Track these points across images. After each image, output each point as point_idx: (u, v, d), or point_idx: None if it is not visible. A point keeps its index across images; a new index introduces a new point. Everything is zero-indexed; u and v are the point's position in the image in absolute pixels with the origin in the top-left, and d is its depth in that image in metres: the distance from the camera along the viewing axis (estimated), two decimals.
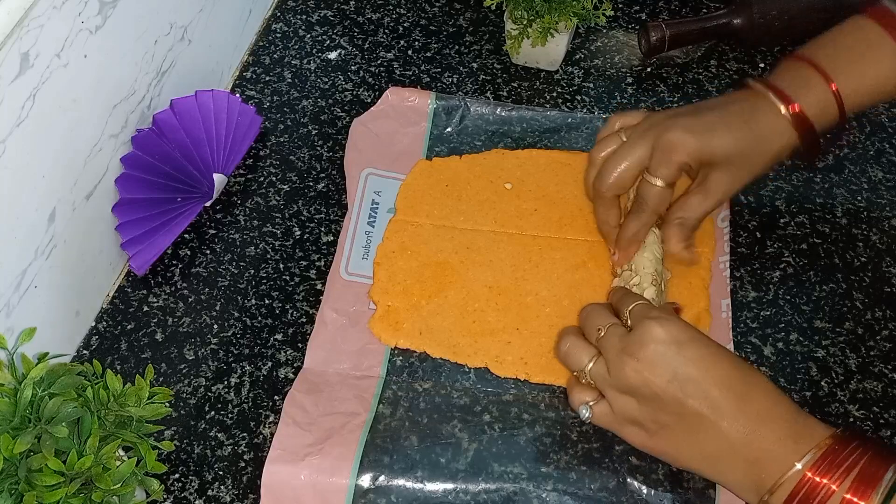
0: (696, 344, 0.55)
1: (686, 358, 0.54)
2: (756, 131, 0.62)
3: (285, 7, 0.89)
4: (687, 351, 0.54)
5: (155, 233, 0.70)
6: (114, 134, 0.67)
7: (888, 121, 0.80)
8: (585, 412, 0.58)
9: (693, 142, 0.62)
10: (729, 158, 0.62)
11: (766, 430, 0.52)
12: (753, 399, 0.53)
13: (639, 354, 0.54)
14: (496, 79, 0.84)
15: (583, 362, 0.58)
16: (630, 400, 0.56)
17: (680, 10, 0.89)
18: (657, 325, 0.55)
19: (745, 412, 0.53)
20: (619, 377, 0.55)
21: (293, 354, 0.67)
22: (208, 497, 0.60)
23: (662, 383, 0.54)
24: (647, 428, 0.56)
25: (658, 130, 0.63)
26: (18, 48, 0.54)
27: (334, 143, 0.79)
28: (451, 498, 0.58)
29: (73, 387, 0.51)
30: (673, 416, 0.54)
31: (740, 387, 0.53)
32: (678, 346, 0.54)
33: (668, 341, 0.54)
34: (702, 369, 0.53)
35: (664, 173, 0.62)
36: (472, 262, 0.69)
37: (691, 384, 0.53)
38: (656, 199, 0.64)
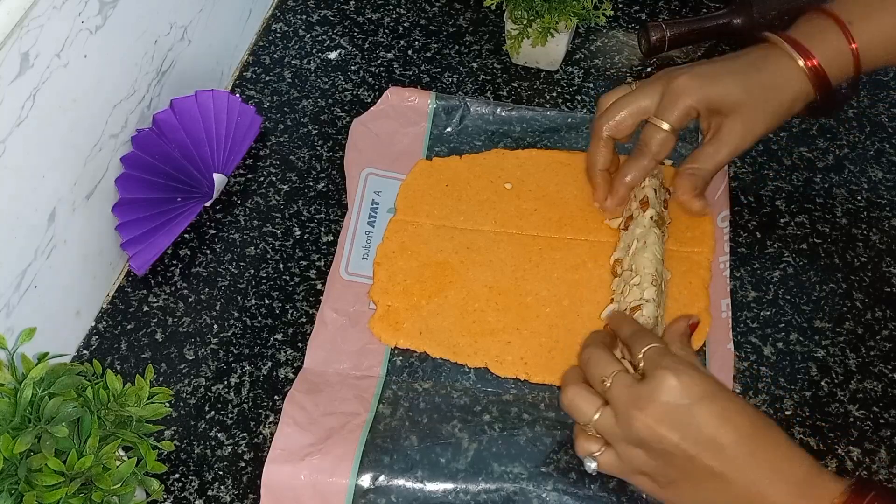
0: (709, 400, 0.51)
1: (699, 415, 0.51)
2: (767, 79, 0.62)
3: (285, 7, 0.89)
4: (700, 407, 0.51)
5: (155, 233, 0.70)
6: (114, 134, 0.67)
7: (888, 121, 0.80)
8: (591, 464, 0.55)
9: (701, 85, 0.62)
10: (739, 105, 0.62)
11: (776, 487, 0.50)
12: (766, 453, 0.51)
13: (649, 409, 0.51)
14: (496, 79, 0.84)
15: (588, 414, 0.54)
16: (639, 452, 0.53)
17: (680, 10, 0.89)
18: (672, 377, 0.52)
19: (757, 467, 0.50)
20: (628, 431, 0.52)
21: (293, 354, 0.67)
22: (208, 497, 0.60)
23: (674, 441, 0.51)
24: (656, 480, 0.54)
25: (667, 78, 0.63)
26: (18, 48, 0.54)
27: (334, 143, 0.79)
28: (451, 498, 0.58)
29: (73, 387, 0.51)
30: (683, 472, 0.52)
31: (753, 441, 0.51)
32: (691, 402, 0.51)
33: (680, 396, 0.51)
34: (715, 427, 0.51)
35: (670, 117, 0.62)
36: (472, 262, 0.69)
37: (703, 443, 0.51)
38: (659, 143, 0.63)
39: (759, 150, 0.78)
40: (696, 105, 0.62)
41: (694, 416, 0.51)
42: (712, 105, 0.62)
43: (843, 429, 0.63)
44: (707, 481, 0.51)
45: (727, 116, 0.63)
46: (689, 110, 0.62)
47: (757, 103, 0.62)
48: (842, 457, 0.62)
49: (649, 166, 0.65)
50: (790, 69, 0.62)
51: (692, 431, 0.51)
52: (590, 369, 0.56)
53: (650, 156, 0.64)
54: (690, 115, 0.63)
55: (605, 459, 0.55)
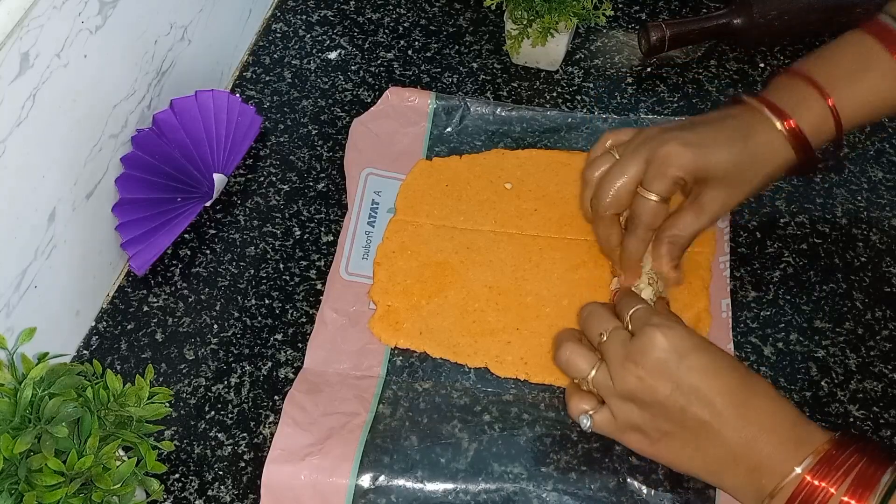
0: (698, 352, 0.54)
1: (688, 367, 0.54)
2: (752, 148, 0.61)
3: (285, 7, 0.89)
4: (689, 360, 0.54)
5: (155, 233, 0.70)
6: (114, 134, 0.67)
7: (888, 121, 0.80)
8: (586, 421, 0.57)
9: (689, 155, 0.60)
10: (724, 175, 0.61)
11: (767, 437, 0.52)
12: (755, 406, 0.53)
13: (642, 362, 0.54)
14: (496, 79, 0.84)
15: (585, 370, 0.57)
16: (632, 407, 0.55)
17: (680, 10, 0.89)
18: (659, 333, 0.54)
19: (746, 419, 0.53)
20: (623, 385, 0.55)
21: (293, 354, 0.67)
22: (208, 497, 0.60)
23: (665, 392, 0.53)
24: (649, 435, 0.56)
25: (652, 145, 0.61)
26: (18, 48, 0.54)
27: (334, 143, 0.79)
28: (451, 498, 0.58)
29: (73, 387, 0.51)
30: (675, 423, 0.54)
31: (742, 394, 0.53)
32: (680, 355, 0.54)
33: (670, 350, 0.54)
34: (704, 378, 0.53)
35: (659, 187, 0.61)
36: (472, 262, 0.69)
37: (694, 393, 0.53)
38: (651, 214, 0.62)
39: None
40: (685, 176, 0.61)
41: (683, 369, 0.54)
42: (699, 175, 0.61)
43: (843, 429, 0.63)
44: (698, 432, 0.53)
45: (709, 185, 0.62)
46: (678, 180, 0.61)
47: (742, 175, 0.62)
48: None
49: (648, 236, 0.63)
50: (774, 138, 0.61)
51: (682, 383, 0.53)
52: (588, 324, 0.60)
53: (644, 227, 0.63)
54: (678, 184, 0.61)
55: (600, 417, 0.57)
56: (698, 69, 0.84)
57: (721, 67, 0.84)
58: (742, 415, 0.53)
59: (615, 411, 0.56)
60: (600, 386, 0.57)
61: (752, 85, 0.82)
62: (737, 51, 0.85)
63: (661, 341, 0.54)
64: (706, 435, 0.53)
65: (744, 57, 0.85)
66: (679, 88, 0.83)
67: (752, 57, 0.85)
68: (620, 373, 0.55)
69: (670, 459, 0.56)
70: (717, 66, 0.84)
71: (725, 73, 0.84)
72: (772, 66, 0.84)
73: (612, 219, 0.64)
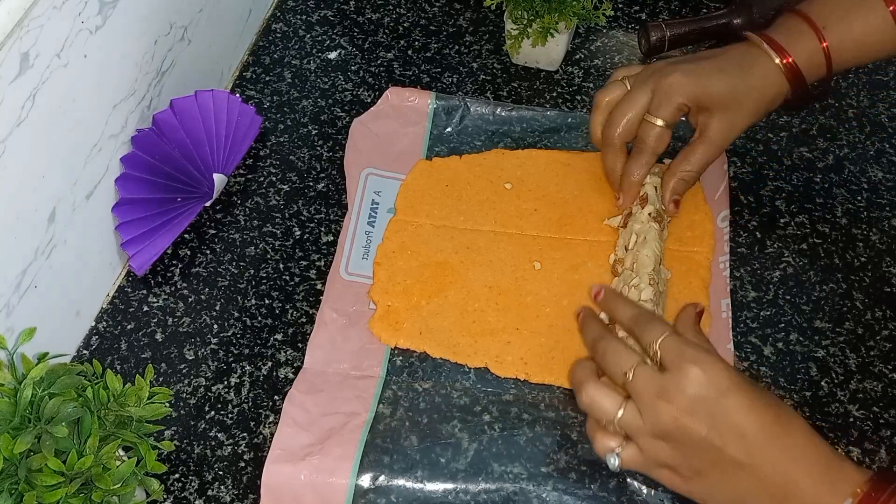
0: (736, 391, 0.52)
1: (726, 406, 0.51)
2: (750, 78, 0.66)
3: (285, 7, 0.89)
4: (728, 399, 0.51)
5: (155, 233, 0.70)
6: (114, 134, 0.67)
7: (888, 121, 0.80)
8: (614, 461, 0.54)
9: (691, 83, 0.65)
10: (724, 102, 0.66)
11: (802, 475, 0.51)
12: (791, 444, 0.51)
13: (677, 401, 0.51)
14: (496, 79, 0.84)
15: (612, 412, 0.54)
16: (663, 445, 0.53)
17: (680, 10, 0.89)
18: (698, 369, 0.52)
19: (783, 457, 0.51)
20: (654, 424, 0.52)
21: (293, 354, 0.67)
22: (208, 497, 0.60)
23: (702, 433, 0.51)
24: (680, 473, 0.53)
25: (658, 76, 0.67)
26: (18, 48, 0.54)
27: (334, 143, 0.79)
28: (451, 498, 0.58)
29: (73, 387, 0.51)
30: (710, 463, 0.52)
31: (778, 430, 0.51)
32: (719, 393, 0.51)
33: (708, 388, 0.51)
34: (742, 417, 0.51)
35: (664, 114, 0.66)
36: (472, 262, 0.69)
37: (731, 433, 0.51)
38: (656, 139, 0.67)
39: (760, 150, 0.78)
40: (687, 102, 0.66)
41: (721, 408, 0.51)
42: (701, 102, 0.66)
43: (843, 429, 0.63)
44: (733, 472, 0.51)
45: (713, 114, 0.67)
46: (681, 107, 0.66)
47: (742, 102, 0.66)
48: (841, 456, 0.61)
49: (651, 161, 0.69)
50: (771, 69, 0.66)
51: (720, 423, 0.51)
52: (607, 362, 0.55)
53: (649, 152, 0.68)
54: (682, 110, 0.67)
55: (628, 455, 0.54)
56: None
57: None
58: (778, 451, 0.51)
59: (644, 450, 0.53)
60: (628, 426, 0.53)
61: None
62: None
63: (699, 378, 0.51)
64: (742, 474, 0.51)
65: None
66: None
67: None
68: (652, 412, 0.52)
69: (703, 497, 0.54)
70: None
71: None
72: None
73: (621, 147, 0.69)
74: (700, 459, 0.52)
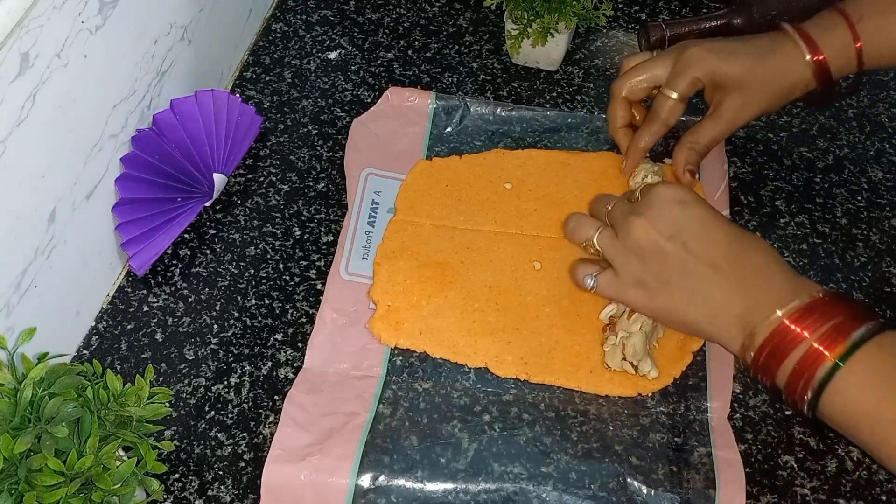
0: (699, 205, 0.58)
1: (690, 216, 0.57)
2: (772, 62, 0.66)
3: (285, 7, 0.89)
4: (690, 210, 0.58)
5: (155, 233, 0.70)
6: (114, 134, 0.67)
7: (888, 121, 0.80)
8: (591, 282, 0.61)
9: (709, 59, 0.66)
10: (741, 82, 0.66)
11: (761, 283, 0.55)
12: (751, 256, 0.56)
13: (646, 213, 0.58)
14: (496, 79, 0.84)
15: (590, 232, 0.62)
16: (634, 260, 0.59)
17: (680, 10, 0.89)
18: (664, 187, 0.59)
19: (742, 267, 0.56)
20: (627, 236, 0.59)
21: (293, 354, 0.67)
22: (208, 497, 0.60)
23: (667, 238, 0.57)
24: (649, 287, 0.58)
25: (680, 49, 0.68)
26: (18, 48, 0.54)
27: (334, 143, 0.79)
28: (451, 498, 0.58)
29: (73, 387, 0.51)
30: (675, 271, 0.57)
31: (739, 244, 0.57)
32: (683, 204, 0.58)
33: (673, 200, 0.58)
34: (704, 227, 0.57)
35: (678, 85, 0.68)
36: (472, 262, 0.69)
37: (694, 240, 0.56)
38: (668, 110, 0.69)
39: (760, 150, 0.78)
40: (702, 77, 0.67)
41: (684, 217, 0.57)
42: (717, 80, 0.67)
43: None
44: (697, 279, 0.56)
45: (728, 93, 0.67)
46: (696, 81, 0.67)
47: (758, 84, 0.66)
48: (842, 457, 0.62)
49: (660, 131, 0.70)
50: (796, 58, 0.66)
51: (684, 230, 0.57)
52: (595, 204, 0.66)
53: (660, 122, 0.70)
54: (696, 85, 0.68)
55: (603, 278, 0.61)
56: None
57: None
58: (738, 262, 0.56)
59: (618, 267, 0.59)
60: (604, 243, 0.61)
61: None
62: None
63: (664, 192, 0.59)
64: (703, 281, 0.56)
65: None
66: None
67: None
68: (625, 226, 0.59)
69: (669, 309, 0.58)
70: None
71: None
72: None
73: (623, 101, 0.71)
74: (667, 268, 0.57)
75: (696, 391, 0.64)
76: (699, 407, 0.63)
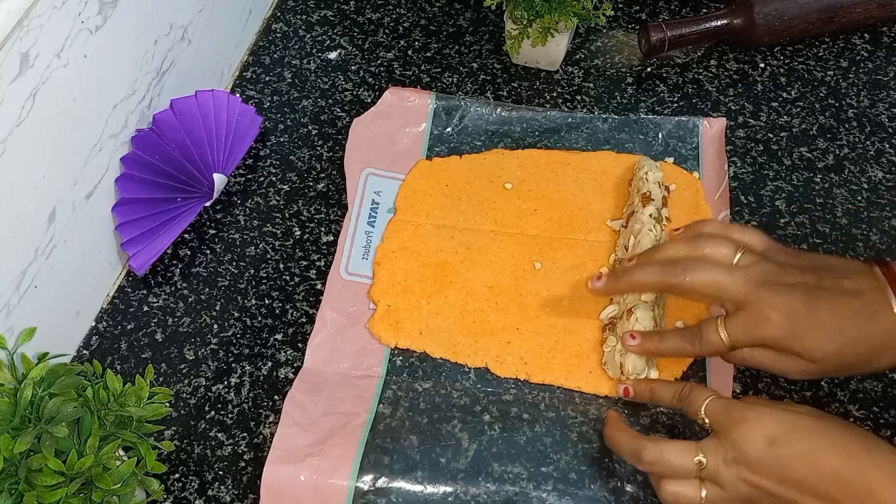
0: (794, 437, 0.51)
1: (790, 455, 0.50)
2: (861, 345, 0.55)
3: (285, 7, 0.89)
4: (788, 448, 0.50)
5: (155, 233, 0.70)
6: (114, 134, 0.67)
7: (888, 121, 0.80)
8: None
9: (785, 333, 0.55)
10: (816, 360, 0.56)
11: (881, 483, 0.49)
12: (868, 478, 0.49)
13: (744, 463, 0.51)
14: (496, 79, 0.84)
15: (697, 497, 0.53)
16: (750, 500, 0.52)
17: (680, 10, 0.89)
18: (749, 429, 0.51)
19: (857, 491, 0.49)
20: (735, 492, 0.52)
21: (293, 354, 0.67)
22: (208, 497, 0.60)
23: (777, 483, 0.51)
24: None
25: (764, 294, 0.56)
26: (18, 48, 0.54)
27: (334, 143, 0.79)
28: (452, 499, 0.58)
29: (73, 387, 0.51)
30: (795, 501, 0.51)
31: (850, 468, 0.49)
32: (776, 445, 0.50)
33: (764, 441, 0.51)
34: (808, 464, 0.50)
35: (737, 336, 0.57)
36: (472, 262, 0.69)
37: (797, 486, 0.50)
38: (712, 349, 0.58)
39: (760, 150, 0.78)
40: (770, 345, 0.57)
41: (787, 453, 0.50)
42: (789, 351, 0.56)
43: None
44: None
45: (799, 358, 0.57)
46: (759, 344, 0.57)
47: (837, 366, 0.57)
48: None
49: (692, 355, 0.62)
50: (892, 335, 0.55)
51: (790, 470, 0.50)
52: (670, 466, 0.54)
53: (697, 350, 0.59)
54: (757, 346, 0.57)
55: None
56: (698, 69, 0.84)
57: (721, 67, 0.84)
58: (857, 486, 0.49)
59: None
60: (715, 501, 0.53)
61: (751, 85, 0.82)
62: (737, 51, 0.85)
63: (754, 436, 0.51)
64: None
65: (744, 57, 0.85)
66: (679, 88, 0.83)
67: (752, 57, 0.85)
68: (730, 481, 0.52)
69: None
70: (717, 66, 0.84)
71: (725, 73, 0.84)
72: (772, 66, 0.84)
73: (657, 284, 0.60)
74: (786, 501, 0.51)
75: None
76: None
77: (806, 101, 0.81)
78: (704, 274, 0.58)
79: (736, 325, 0.57)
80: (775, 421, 0.51)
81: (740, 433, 0.51)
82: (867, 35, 0.86)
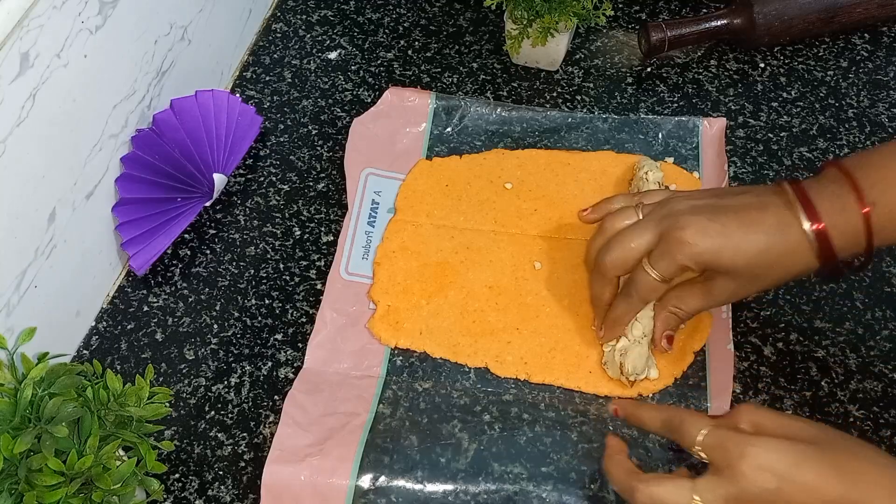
0: (797, 472, 0.49)
1: (792, 493, 0.49)
2: (773, 253, 0.57)
3: (285, 7, 0.89)
4: (789, 484, 0.49)
5: (155, 233, 0.70)
6: (114, 134, 0.67)
7: (888, 121, 0.80)
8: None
9: (703, 246, 0.57)
10: (737, 272, 0.58)
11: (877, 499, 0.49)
12: (863, 485, 0.49)
13: (745, 501, 0.50)
14: (496, 79, 0.84)
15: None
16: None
17: (680, 10, 0.89)
18: (749, 467, 0.50)
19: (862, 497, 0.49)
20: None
21: (293, 354, 0.67)
22: (208, 497, 0.60)
23: None
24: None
25: (671, 222, 0.58)
26: (18, 48, 0.54)
27: (334, 143, 0.79)
28: (452, 498, 0.58)
29: (73, 387, 0.51)
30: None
31: (860, 497, 0.49)
32: (779, 482, 0.49)
33: (768, 480, 0.49)
34: (813, 496, 0.49)
35: (663, 268, 0.59)
36: (472, 262, 0.69)
37: None
38: (647, 289, 0.60)
39: (760, 150, 0.78)
40: (692, 265, 0.58)
41: (790, 491, 0.49)
42: (709, 266, 0.59)
43: (843, 429, 0.62)
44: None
45: (722, 276, 0.59)
46: (683, 267, 0.59)
47: (757, 275, 0.59)
48: None
49: (638, 307, 0.62)
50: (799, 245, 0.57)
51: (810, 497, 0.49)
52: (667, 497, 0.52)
53: (638, 299, 0.61)
54: (683, 270, 0.59)
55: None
56: (698, 69, 0.84)
57: (721, 67, 0.84)
58: (856, 493, 0.49)
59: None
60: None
61: (752, 85, 0.82)
62: (737, 51, 0.85)
63: (752, 473, 0.50)
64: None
65: (744, 57, 0.85)
66: (679, 88, 0.83)
67: (752, 57, 0.85)
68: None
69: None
70: (717, 66, 0.84)
71: (725, 73, 0.84)
72: (772, 66, 0.84)
73: (614, 279, 0.63)
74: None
75: (697, 391, 0.64)
76: (699, 407, 0.63)
77: (806, 101, 0.81)
78: (618, 245, 0.61)
79: (657, 256, 0.59)
80: (777, 454, 0.50)
81: (740, 471, 0.50)
82: (867, 35, 0.86)
